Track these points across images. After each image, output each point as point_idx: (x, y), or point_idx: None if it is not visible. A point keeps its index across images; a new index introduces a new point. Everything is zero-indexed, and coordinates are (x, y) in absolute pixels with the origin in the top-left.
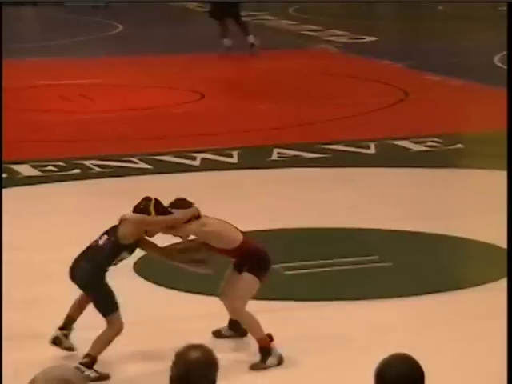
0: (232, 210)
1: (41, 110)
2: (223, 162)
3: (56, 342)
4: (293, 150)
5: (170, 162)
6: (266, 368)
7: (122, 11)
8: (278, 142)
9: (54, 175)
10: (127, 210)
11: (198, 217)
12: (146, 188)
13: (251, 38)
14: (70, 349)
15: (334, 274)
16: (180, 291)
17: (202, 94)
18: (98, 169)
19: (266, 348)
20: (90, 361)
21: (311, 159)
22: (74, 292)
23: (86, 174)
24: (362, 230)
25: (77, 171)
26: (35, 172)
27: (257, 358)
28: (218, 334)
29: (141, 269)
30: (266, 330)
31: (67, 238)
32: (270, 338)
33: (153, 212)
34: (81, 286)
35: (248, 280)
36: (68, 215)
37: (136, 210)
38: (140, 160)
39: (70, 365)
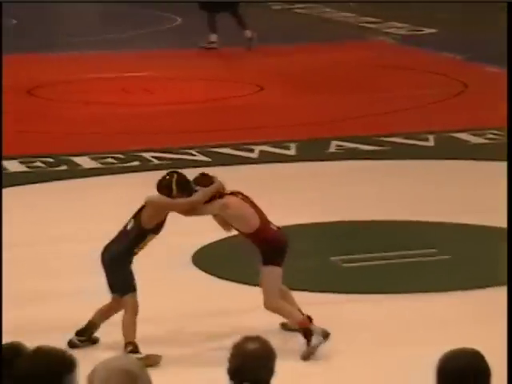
0: (289, 201)
1: (101, 102)
2: (281, 154)
3: (72, 345)
4: (351, 142)
5: (228, 154)
6: (314, 349)
7: (181, 4)
8: (336, 134)
9: (114, 167)
10: None
11: (221, 194)
12: None
13: (248, 33)
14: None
15: (391, 267)
16: (238, 283)
17: (261, 86)
18: (156, 161)
19: (306, 329)
20: (134, 347)
21: (369, 152)
22: None
23: (145, 166)
24: (420, 222)
25: (136, 163)
26: (95, 164)
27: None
28: (284, 326)
29: (199, 260)
30: (322, 323)
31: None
32: (310, 318)
33: (175, 189)
34: (106, 266)
35: (268, 273)
36: (127, 206)
37: (159, 186)
38: (198, 152)
39: (131, 356)
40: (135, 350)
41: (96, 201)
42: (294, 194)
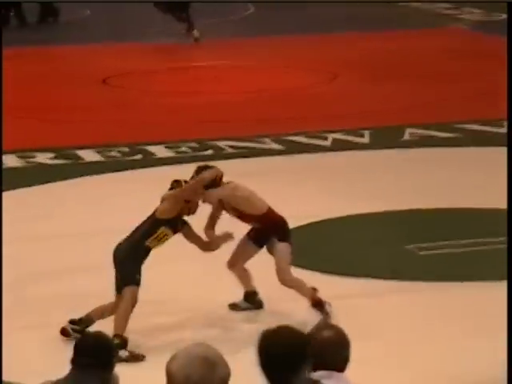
0: (364, 189)
1: (174, 91)
2: (355, 142)
3: (64, 333)
4: (425, 129)
5: (301, 142)
6: (328, 316)
7: None
8: (410, 121)
9: (188, 156)
10: (259, 190)
11: (221, 178)
12: (278, 168)
13: (196, 33)
14: None
15: (466, 255)
16: (312, 271)
17: (335, 74)
18: (230, 150)
19: (318, 301)
20: (121, 341)
21: (444, 139)
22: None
23: (219, 155)
24: (494, 210)
25: (210, 152)
26: (170, 153)
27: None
28: (234, 306)
29: None
30: (398, 310)
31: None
32: (316, 290)
33: (183, 183)
34: (117, 263)
35: (283, 249)
36: None
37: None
38: (272, 141)
39: (212, 346)
40: (121, 345)
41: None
42: (368, 183)
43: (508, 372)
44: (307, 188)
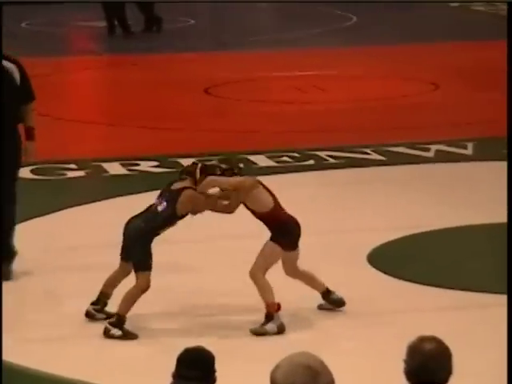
0: (467, 201)
1: (276, 100)
2: (458, 153)
3: (89, 315)
4: None
5: (403, 153)
6: (264, 332)
7: (358, 3)
8: None
9: (289, 166)
10: (360, 200)
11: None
12: (380, 178)
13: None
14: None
15: None
16: (412, 282)
17: (437, 84)
18: (331, 160)
19: (270, 314)
20: (117, 320)
21: None
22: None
23: (320, 165)
24: None
25: (311, 162)
26: (271, 163)
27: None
28: (320, 307)
29: (374, 259)
30: (495, 323)
31: (302, 226)
32: (279, 306)
33: (198, 174)
34: (128, 238)
35: (269, 248)
36: (302, 205)
37: (183, 173)
38: (373, 151)
39: (315, 355)
40: (116, 324)
41: None
42: (470, 195)
43: (508, 372)
44: (408, 199)
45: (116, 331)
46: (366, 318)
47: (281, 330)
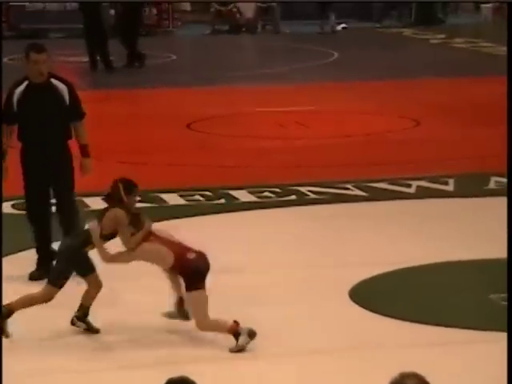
0: (446, 237)
1: (258, 136)
2: (439, 189)
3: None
4: None
5: (384, 189)
6: (241, 347)
7: (339, 40)
8: (496, 169)
9: (271, 201)
10: (341, 235)
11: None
12: (362, 214)
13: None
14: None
15: None
16: (394, 318)
17: (418, 120)
18: (313, 195)
19: (235, 332)
20: (82, 313)
21: None
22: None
23: (302, 200)
24: None
25: (292, 197)
26: (252, 198)
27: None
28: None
29: (356, 295)
30: (480, 361)
31: (283, 261)
32: (236, 323)
33: (123, 194)
34: (60, 255)
35: (195, 299)
36: (283, 240)
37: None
38: (355, 187)
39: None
40: (81, 317)
41: (252, 234)
42: (451, 230)
43: (508, 372)
44: (390, 235)
45: (80, 324)
46: (347, 353)
47: (252, 335)
